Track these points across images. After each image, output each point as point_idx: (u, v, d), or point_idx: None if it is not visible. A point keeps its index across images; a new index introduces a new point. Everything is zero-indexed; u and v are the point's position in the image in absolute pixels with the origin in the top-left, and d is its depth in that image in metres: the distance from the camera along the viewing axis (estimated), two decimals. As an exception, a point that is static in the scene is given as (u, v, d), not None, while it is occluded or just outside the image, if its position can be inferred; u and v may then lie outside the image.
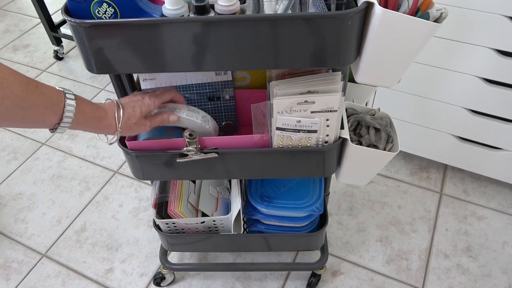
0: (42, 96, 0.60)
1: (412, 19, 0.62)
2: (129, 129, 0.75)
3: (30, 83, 0.58)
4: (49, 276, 1.36)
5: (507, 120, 1.29)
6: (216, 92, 0.94)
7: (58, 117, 0.63)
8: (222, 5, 0.64)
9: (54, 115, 0.62)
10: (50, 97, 0.61)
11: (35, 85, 0.59)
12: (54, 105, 0.62)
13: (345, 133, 0.84)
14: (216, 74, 0.91)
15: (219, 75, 0.91)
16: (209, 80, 0.92)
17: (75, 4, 0.64)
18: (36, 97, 0.59)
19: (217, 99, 0.95)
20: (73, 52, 2.27)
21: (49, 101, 0.61)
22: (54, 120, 0.63)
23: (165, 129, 0.86)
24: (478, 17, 1.11)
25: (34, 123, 0.62)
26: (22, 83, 0.57)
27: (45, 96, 0.60)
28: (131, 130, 0.76)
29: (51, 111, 0.62)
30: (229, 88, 0.93)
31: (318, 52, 0.66)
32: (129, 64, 0.69)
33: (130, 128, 0.75)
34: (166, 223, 1.09)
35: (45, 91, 0.60)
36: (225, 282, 1.33)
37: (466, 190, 1.54)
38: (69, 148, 1.77)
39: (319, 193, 1.08)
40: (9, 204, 1.58)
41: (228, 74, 0.91)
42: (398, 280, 1.31)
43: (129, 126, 0.74)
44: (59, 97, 0.63)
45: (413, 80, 1.32)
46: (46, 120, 0.62)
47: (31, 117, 0.60)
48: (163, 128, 0.86)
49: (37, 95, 0.59)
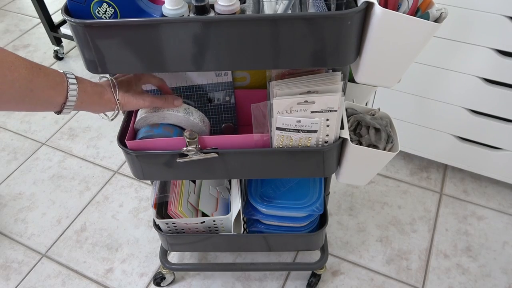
0: (46, 77, 0.63)
1: (412, 19, 0.62)
2: (128, 101, 0.77)
3: (34, 66, 0.61)
4: (49, 276, 1.37)
5: (507, 120, 1.29)
6: (216, 93, 0.94)
7: (63, 97, 0.66)
8: (222, 5, 0.64)
9: (60, 95, 0.65)
10: (53, 78, 0.64)
11: (39, 68, 0.62)
12: (59, 85, 0.65)
13: (345, 133, 0.84)
14: (216, 75, 0.91)
15: (219, 76, 0.91)
16: (209, 81, 0.92)
17: (75, 4, 0.64)
18: (41, 79, 0.62)
19: (217, 100, 0.95)
20: (73, 52, 2.27)
21: (53, 81, 0.64)
22: (60, 100, 0.66)
23: (163, 126, 0.86)
24: (478, 17, 1.11)
25: (42, 104, 0.65)
26: (27, 66, 0.60)
27: (49, 77, 0.63)
28: (130, 103, 0.77)
29: (56, 91, 0.65)
30: (229, 90, 0.93)
31: (318, 52, 0.66)
32: (129, 64, 0.69)
33: (129, 100, 0.76)
34: (166, 223, 1.09)
35: (48, 73, 0.64)
36: (225, 282, 1.33)
37: (466, 190, 1.54)
38: (69, 148, 1.77)
39: (319, 193, 1.08)
40: (9, 204, 1.58)
41: (228, 75, 0.91)
42: (398, 280, 1.31)
43: (128, 98, 0.76)
44: (61, 77, 0.66)
45: (413, 80, 1.32)
46: (53, 100, 0.65)
47: (39, 98, 0.63)
48: (161, 126, 0.86)
49: (41, 77, 0.62)
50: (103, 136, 1.81)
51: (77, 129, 1.85)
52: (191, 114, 0.86)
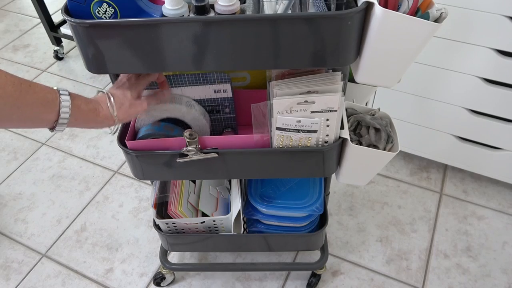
0: (35, 95, 0.61)
1: (412, 19, 0.62)
2: (126, 114, 0.75)
3: (23, 83, 0.59)
4: (49, 276, 1.37)
5: (507, 120, 1.29)
6: (216, 107, 0.93)
7: (55, 114, 0.64)
8: (222, 5, 0.64)
9: (51, 112, 0.63)
10: (44, 95, 0.62)
11: (28, 85, 0.60)
12: (50, 102, 0.63)
13: (345, 133, 0.84)
14: (215, 91, 0.89)
15: (218, 93, 0.90)
16: (207, 96, 0.91)
17: (75, 4, 0.64)
18: (30, 96, 0.60)
19: (216, 112, 0.94)
20: (73, 52, 2.27)
21: (44, 99, 0.62)
22: (51, 117, 0.64)
23: (164, 126, 0.86)
24: (478, 17, 1.11)
25: (32, 122, 0.63)
26: (15, 83, 0.58)
27: (39, 95, 0.61)
28: (128, 114, 0.76)
29: (47, 108, 0.63)
30: (230, 105, 0.92)
31: (318, 52, 0.66)
32: (129, 64, 0.69)
33: (127, 112, 0.75)
34: (166, 223, 1.09)
35: (38, 90, 0.61)
36: (225, 282, 1.33)
37: (466, 190, 1.54)
38: (69, 148, 1.77)
39: (319, 193, 1.08)
40: (9, 204, 1.58)
41: (227, 91, 0.90)
42: (398, 280, 1.31)
43: (125, 110, 0.75)
44: (53, 94, 0.63)
45: (413, 80, 1.32)
46: (43, 118, 0.63)
47: (28, 116, 0.61)
48: (162, 125, 0.86)
49: (30, 94, 0.60)
50: (103, 136, 1.81)
51: (77, 129, 1.85)
52: (193, 107, 0.86)
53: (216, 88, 0.89)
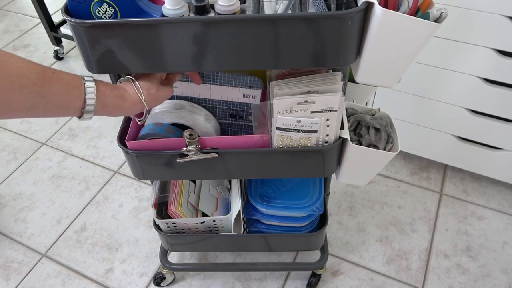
0: (60, 82, 0.60)
1: (412, 19, 0.62)
2: (154, 99, 0.74)
3: (46, 71, 0.59)
4: (49, 276, 1.37)
5: (507, 120, 1.29)
6: (240, 112, 0.90)
7: (81, 101, 0.63)
8: (222, 5, 0.64)
9: (77, 100, 0.63)
10: (68, 82, 0.62)
11: (52, 72, 0.60)
12: (75, 89, 0.62)
13: (345, 133, 0.84)
14: (243, 96, 0.87)
15: (246, 98, 0.87)
16: (235, 99, 0.88)
17: (75, 4, 0.64)
18: (55, 84, 0.60)
19: (239, 117, 0.91)
20: (73, 52, 2.27)
21: (68, 86, 0.61)
22: (77, 104, 0.63)
23: (166, 127, 0.86)
24: (478, 17, 1.11)
25: (58, 110, 0.62)
26: (39, 71, 0.58)
27: (63, 82, 0.61)
28: (157, 99, 0.75)
29: (72, 96, 0.62)
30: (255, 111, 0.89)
31: (318, 52, 0.66)
32: (129, 64, 0.69)
33: (155, 97, 0.74)
34: (166, 223, 1.09)
35: (63, 77, 0.61)
36: (225, 282, 1.33)
37: (466, 190, 1.54)
38: (69, 148, 1.77)
39: (319, 193, 1.08)
40: (9, 204, 1.58)
41: (257, 98, 0.87)
42: (398, 280, 1.31)
43: (153, 95, 0.73)
44: (78, 81, 0.63)
45: (413, 80, 1.32)
46: (69, 105, 0.63)
47: (53, 104, 0.60)
48: (164, 126, 0.86)
49: (55, 82, 0.60)
50: (103, 136, 1.81)
51: (77, 129, 1.85)
52: (210, 122, 0.86)
53: (245, 93, 0.87)
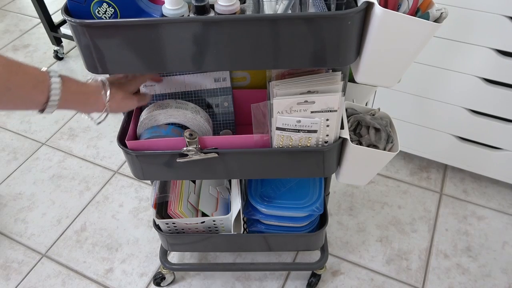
0: (26, 76, 0.61)
1: (412, 19, 0.62)
2: (117, 105, 0.75)
3: (13, 64, 0.59)
4: (49, 276, 1.37)
5: (507, 120, 1.29)
6: (215, 99, 0.94)
7: (45, 96, 0.63)
8: (222, 5, 0.64)
9: (41, 94, 0.63)
10: (35, 76, 0.62)
11: (18, 65, 0.60)
12: (40, 83, 0.63)
13: (345, 133, 0.84)
14: (215, 80, 0.91)
15: (218, 82, 0.91)
16: (208, 87, 0.92)
17: (75, 4, 0.64)
18: (21, 77, 0.60)
19: (215, 106, 0.95)
20: (73, 52, 2.27)
21: (34, 80, 0.62)
22: (41, 99, 0.63)
23: (172, 129, 0.86)
24: (478, 17, 1.11)
25: (22, 103, 0.63)
26: (4, 64, 0.58)
27: (30, 76, 0.61)
28: (119, 106, 0.76)
29: (38, 89, 0.62)
30: (228, 95, 0.93)
31: (318, 52, 0.66)
32: (129, 64, 0.69)
33: (118, 104, 0.75)
34: (166, 223, 1.09)
35: (29, 71, 0.61)
36: (225, 282, 1.33)
37: (466, 190, 1.54)
38: (69, 148, 1.77)
39: (319, 193, 1.08)
40: (9, 204, 1.58)
41: (226, 80, 0.91)
42: (398, 280, 1.31)
43: (117, 101, 0.75)
44: (44, 76, 0.63)
45: (413, 80, 1.32)
46: (33, 99, 0.63)
47: (18, 97, 0.61)
48: (170, 128, 0.86)
49: (21, 75, 0.60)
50: (103, 136, 1.81)
51: (77, 129, 1.85)
52: (198, 113, 0.87)
53: (216, 76, 0.90)
